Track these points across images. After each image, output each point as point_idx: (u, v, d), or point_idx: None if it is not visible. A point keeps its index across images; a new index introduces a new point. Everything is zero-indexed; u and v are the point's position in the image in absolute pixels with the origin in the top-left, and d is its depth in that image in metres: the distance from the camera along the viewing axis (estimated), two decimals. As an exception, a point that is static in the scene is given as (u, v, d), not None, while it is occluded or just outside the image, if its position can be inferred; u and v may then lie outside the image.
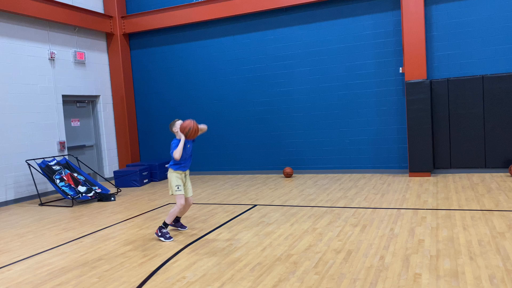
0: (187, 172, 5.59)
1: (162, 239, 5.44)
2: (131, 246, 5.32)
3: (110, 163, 11.77)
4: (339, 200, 7.10)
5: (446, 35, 8.94)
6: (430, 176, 8.85)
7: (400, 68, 9.12)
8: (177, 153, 5.24)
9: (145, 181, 10.60)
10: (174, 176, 5.46)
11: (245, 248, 4.87)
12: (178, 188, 5.43)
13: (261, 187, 8.91)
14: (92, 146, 11.58)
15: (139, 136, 12.31)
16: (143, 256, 4.86)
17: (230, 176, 10.85)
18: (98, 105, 11.61)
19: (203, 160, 11.30)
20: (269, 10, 10.18)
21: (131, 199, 8.62)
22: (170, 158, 5.66)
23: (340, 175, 9.71)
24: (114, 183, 10.07)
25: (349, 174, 9.70)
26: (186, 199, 5.62)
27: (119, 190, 9.46)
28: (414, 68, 8.82)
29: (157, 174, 10.98)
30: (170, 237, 5.45)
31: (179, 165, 5.45)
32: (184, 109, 11.40)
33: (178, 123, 5.44)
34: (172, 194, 5.47)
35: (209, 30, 11.09)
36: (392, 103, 9.43)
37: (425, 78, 8.79)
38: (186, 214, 6.69)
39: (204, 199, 8.02)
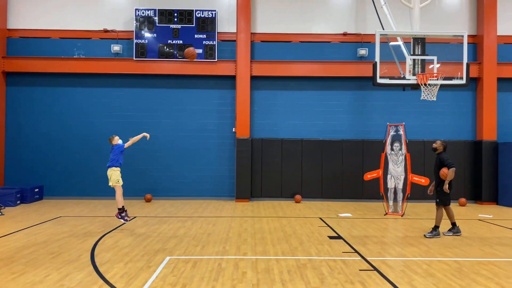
0: None
1: (122, 220, 8.14)
2: (69, 232, 7.82)
3: (-23, 185, 12.74)
4: (192, 214, 10.70)
5: (262, 110, 13.79)
6: (248, 201, 13.21)
7: (233, 128, 13.51)
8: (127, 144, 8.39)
9: (17, 202, 12.17)
10: (117, 173, 8.29)
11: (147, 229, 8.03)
12: (118, 181, 8.28)
13: (129, 208, 11.83)
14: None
15: (5, 162, 13.59)
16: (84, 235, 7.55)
17: (99, 201, 13.21)
18: (-29, 131, 12.65)
19: (70, 186, 13.43)
20: (143, 74, 13.53)
21: (22, 214, 10.45)
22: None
23: (187, 200, 13.30)
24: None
25: (195, 200, 13.36)
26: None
27: (2, 207, 10.98)
28: (242, 130, 13.31)
29: (27, 197, 12.60)
30: (126, 219, 8.23)
31: (120, 165, 8.33)
32: (55, 138, 13.48)
33: (116, 138, 8.42)
34: (113, 185, 8.22)
35: (84, 80, 13.66)
36: (227, 151, 13.69)
37: (249, 137, 13.34)
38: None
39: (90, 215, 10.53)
